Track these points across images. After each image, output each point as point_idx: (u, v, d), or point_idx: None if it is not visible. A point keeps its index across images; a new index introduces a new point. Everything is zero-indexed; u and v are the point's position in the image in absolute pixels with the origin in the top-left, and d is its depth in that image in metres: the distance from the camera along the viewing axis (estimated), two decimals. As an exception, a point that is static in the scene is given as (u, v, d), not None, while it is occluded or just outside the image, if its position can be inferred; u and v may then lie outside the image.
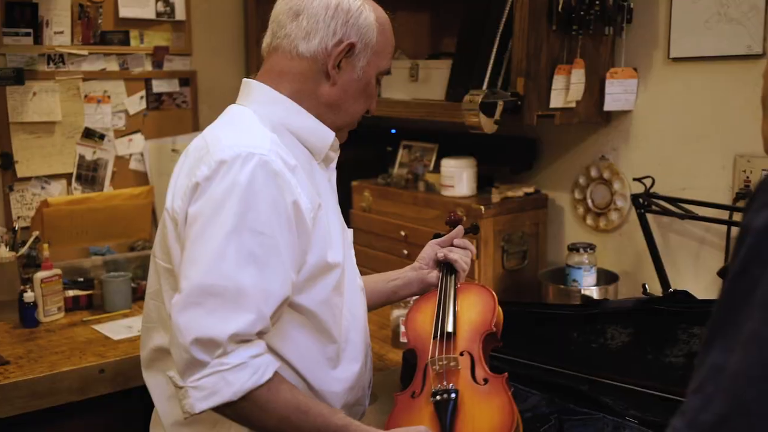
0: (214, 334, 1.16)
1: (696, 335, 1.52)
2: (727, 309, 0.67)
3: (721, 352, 0.66)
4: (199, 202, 1.22)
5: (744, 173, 1.93)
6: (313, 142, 1.38)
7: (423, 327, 1.52)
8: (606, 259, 2.24)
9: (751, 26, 1.88)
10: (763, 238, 0.64)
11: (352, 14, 1.33)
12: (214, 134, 1.32)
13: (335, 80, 1.35)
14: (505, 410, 1.31)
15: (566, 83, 2.05)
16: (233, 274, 1.18)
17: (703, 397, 0.66)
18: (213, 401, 1.17)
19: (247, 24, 3.14)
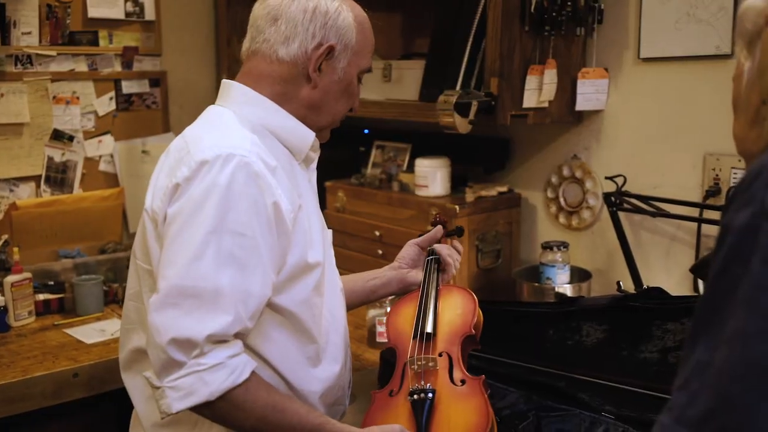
0: (191, 335, 1.16)
1: (670, 331, 1.54)
2: (710, 307, 0.68)
3: (706, 350, 0.67)
4: (178, 202, 1.22)
5: (713, 171, 1.97)
6: (293, 142, 1.38)
7: (403, 326, 1.53)
8: (579, 257, 2.26)
9: (720, 27, 1.91)
10: (744, 237, 0.65)
11: (330, 16, 1.33)
12: (195, 134, 1.31)
13: (316, 83, 1.35)
14: (480, 411, 1.32)
15: (539, 83, 2.07)
16: (211, 275, 1.18)
17: (689, 394, 0.67)
18: (190, 401, 1.17)
19: (217, 24, 3.12)
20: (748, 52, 0.86)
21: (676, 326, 1.54)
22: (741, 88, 0.87)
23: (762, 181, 0.66)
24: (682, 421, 0.67)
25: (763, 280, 0.63)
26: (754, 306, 0.63)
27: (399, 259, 1.69)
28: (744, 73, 0.85)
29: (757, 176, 0.67)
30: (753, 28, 0.84)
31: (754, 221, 0.65)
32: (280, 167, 1.30)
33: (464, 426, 1.31)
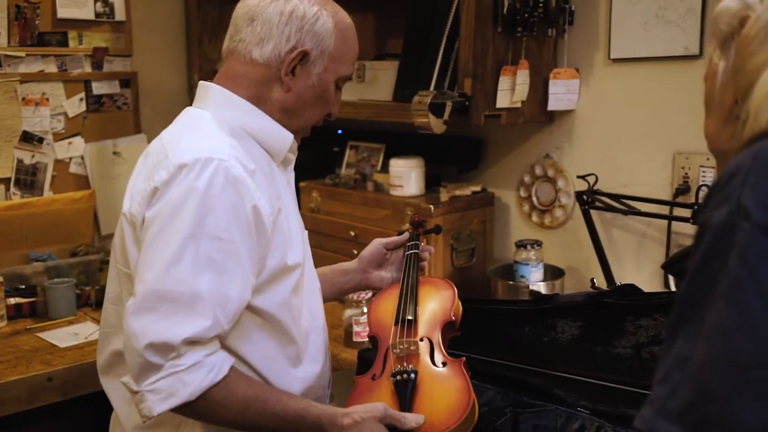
0: (168, 338, 1.16)
1: (643, 327, 1.57)
2: (689, 302, 0.70)
3: (685, 344, 0.68)
4: (156, 206, 1.21)
5: (683, 170, 2.01)
6: (271, 144, 1.38)
7: (385, 316, 1.56)
8: (551, 255, 2.29)
9: (688, 28, 1.95)
10: (721, 235, 0.67)
11: (307, 21, 1.32)
12: (173, 138, 1.31)
13: (289, 86, 1.34)
14: (462, 391, 1.36)
15: (512, 84, 2.10)
16: (189, 280, 1.18)
17: (670, 387, 0.68)
18: (171, 403, 1.17)
19: (188, 24, 3.10)
20: (722, 53, 0.88)
21: (648, 322, 1.57)
22: (714, 87, 0.90)
23: (738, 180, 0.68)
24: (663, 414, 0.68)
25: (741, 277, 0.64)
26: (732, 302, 0.65)
27: (361, 259, 1.70)
28: (718, 73, 0.88)
29: (732, 176, 0.69)
30: (727, 29, 0.86)
31: (731, 220, 0.66)
32: (259, 170, 1.30)
33: (446, 405, 1.34)
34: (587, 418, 1.58)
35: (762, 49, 0.77)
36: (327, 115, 1.44)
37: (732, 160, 0.71)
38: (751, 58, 0.79)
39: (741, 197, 0.66)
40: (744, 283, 0.64)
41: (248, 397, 1.23)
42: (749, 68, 0.79)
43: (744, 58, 0.80)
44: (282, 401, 1.26)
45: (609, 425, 1.54)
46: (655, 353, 1.56)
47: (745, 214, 0.65)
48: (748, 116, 0.76)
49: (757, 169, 0.67)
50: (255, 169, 1.28)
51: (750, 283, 0.64)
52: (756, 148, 0.70)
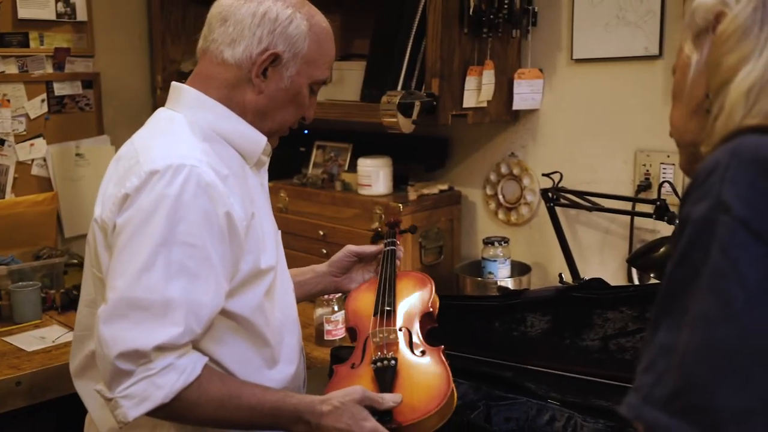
0: (138, 346, 1.15)
1: (610, 319, 1.62)
2: (671, 293, 0.72)
3: (669, 333, 0.70)
4: (127, 213, 1.20)
5: (644, 167, 2.07)
6: (245, 147, 1.37)
7: (363, 308, 1.58)
8: (518, 252, 2.34)
9: (648, 29, 2.01)
10: (702, 228, 0.69)
11: (280, 23, 1.31)
12: (145, 142, 1.29)
13: (261, 89, 1.33)
14: (441, 378, 1.38)
15: (478, 84, 2.13)
16: (161, 287, 1.17)
17: (655, 375, 0.70)
18: (145, 407, 1.16)
19: (151, 24, 3.08)
20: (695, 46, 0.90)
21: (615, 315, 1.61)
22: (685, 78, 0.92)
23: (717, 176, 0.70)
24: (649, 401, 0.70)
25: (722, 269, 0.66)
26: (715, 292, 0.67)
27: (332, 264, 1.70)
28: (691, 65, 0.90)
29: (711, 172, 0.71)
30: (702, 24, 0.88)
31: (711, 214, 0.68)
32: (232, 175, 1.29)
33: (426, 391, 1.36)
34: (557, 409, 1.62)
35: (738, 47, 0.80)
36: (302, 118, 1.43)
37: (709, 156, 0.73)
38: (727, 56, 0.81)
39: (721, 192, 0.68)
40: (726, 274, 0.66)
41: (223, 394, 1.23)
42: (725, 66, 0.80)
43: (719, 55, 0.82)
44: (257, 395, 1.26)
45: (578, 416, 1.58)
46: (622, 345, 1.61)
47: (726, 208, 0.67)
48: (721, 112, 0.79)
49: (736, 165, 0.69)
50: (228, 174, 1.27)
51: (732, 274, 0.66)
52: (734, 144, 0.72)
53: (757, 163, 0.68)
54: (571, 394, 1.64)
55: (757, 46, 0.78)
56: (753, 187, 0.67)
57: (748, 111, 0.76)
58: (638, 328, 1.58)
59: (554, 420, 1.62)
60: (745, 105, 0.77)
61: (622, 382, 1.60)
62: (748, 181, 0.68)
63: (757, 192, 0.67)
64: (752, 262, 0.66)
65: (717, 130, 0.79)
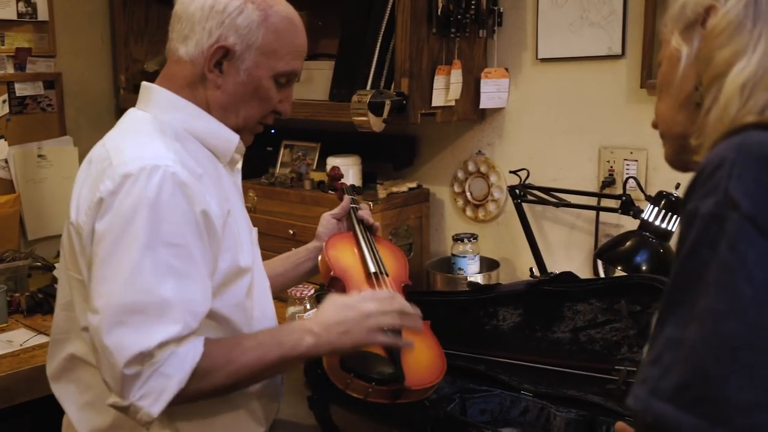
0: (143, 348, 1.14)
1: (580, 311, 1.66)
2: (679, 288, 0.73)
3: (676, 327, 0.72)
4: (106, 219, 1.19)
5: (608, 163, 2.13)
6: (217, 145, 1.37)
7: (350, 264, 1.61)
8: (486, 248, 2.38)
9: (611, 29, 2.07)
10: (710, 224, 0.70)
11: (229, 14, 1.29)
12: (116, 144, 1.28)
13: (217, 83, 1.32)
14: (439, 351, 1.51)
15: (446, 83, 2.17)
16: (154, 289, 1.16)
17: (662, 368, 0.71)
18: (165, 399, 1.16)
19: (113, 24, 3.05)
20: (683, 39, 0.92)
21: (585, 307, 1.66)
22: (674, 71, 0.93)
23: (724, 171, 0.71)
24: (656, 393, 0.71)
25: (731, 264, 0.68)
26: (723, 287, 0.68)
27: (319, 237, 1.74)
28: (680, 58, 0.91)
29: (718, 167, 0.72)
30: (692, 16, 0.90)
31: (719, 210, 0.70)
32: (206, 174, 1.29)
33: (429, 361, 1.46)
34: (530, 400, 1.67)
35: (731, 42, 0.82)
36: (277, 113, 1.42)
37: (713, 151, 0.74)
38: (720, 51, 0.82)
39: (728, 188, 0.70)
40: (734, 269, 0.68)
41: (228, 356, 1.23)
42: (718, 60, 0.82)
43: (712, 50, 0.84)
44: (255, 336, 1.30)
45: (551, 406, 1.63)
46: (592, 336, 1.65)
47: (734, 205, 0.69)
48: (714, 105, 0.81)
49: (742, 161, 0.70)
50: (202, 173, 1.27)
51: (740, 269, 0.68)
52: (739, 140, 0.73)
53: (763, 159, 0.70)
54: (543, 385, 1.69)
55: (751, 42, 0.80)
56: (759, 183, 0.69)
57: (743, 105, 0.79)
58: (607, 320, 1.63)
59: (528, 411, 1.67)
60: (740, 100, 0.79)
61: (592, 372, 1.65)
62: (754, 178, 0.69)
63: (764, 189, 0.69)
64: (760, 259, 0.68)
65: (710, 124, 0.82)
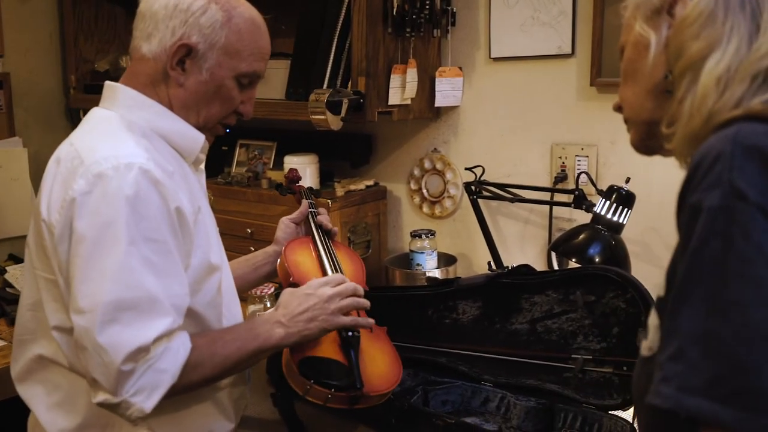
0: (141, 343, 1.16)
1: (537, 303, 1.72)
2: (691, 281, 0.73)
3: (695, 321, 0.72)
4: (83, 219, 1.19)
5: (560, 159, 2.19)
6: (183, 145, 1.37)
7: (309, 270, 1.63)
8: (443, 243, 2.42)
9: (561, 29, 2.13)
10: (718, 215, 0.71)
11: (193, 13, 1.30)
12: (86, 144, 1.28)
13: (179, 81, 1.33)
14: (396, 357, 1.55)
15: (402, 82, 2.20)
16: (142, 284, 1.18)
17: (688, 364, 0.71)
18: (158, 394, 1.18)
19: (62, 23, 3.00)
20: (650, 26, 0.93)
21: (542, 298, 1.71)
22: (641, 58, 0.94)
23: (724, 164, 0.72)
24: (686, 390, 0.71)
25: (748, 254, 0.69)
26: (745, 277, 0.69)
27: (278, 241, 1.75)
28: (649, 46, 0.92)
29: (716, 160, 0.73)
30: (658, 3, 0.92)
31: (726, 202, 0.71)
32: (176, 171, 1.31)
33: (386, 368, 1.50)
34: (491, 390, 1.72)
35: (703, 33, 0.83)
36: (239, 114, 1.44)
37: (705, 145, 0.76)
38: (693, 42, 0.84)
39: (732, 180, 0.71)
40: (753, 259, 0.69)
41: (212, 349, 1.28)
42: (690, 51, 0.84)
43: (683, 40, 0.85)
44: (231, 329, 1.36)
45: (511, 395, 1.68)
46: (548, 326, 1.71)
47: (741, 195, 0.70)
48: (688, 95, 0.83)
49: (740, 153, 0.72)
50: (173, 171, 1.29)
51: (759, 258, 0.69)
52: (731, 133, 0.74)
53: (757, 151, 0.71)
54: (503, 375, 1.73)
55: (724, 34, 0.82)
56: (761, 173, 0.71)
57: (719, 98, 0.81)
58: (563, 310, 1.69)
59: (488, 400, 1.71)
60: (716, 92, 0.81)
61: (549, 361, 1.71)
62: (756, 168, 0.71)
63: (766, 178, 0.70)
64: None
65: (685, 114, 0.84)
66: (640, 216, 1.89)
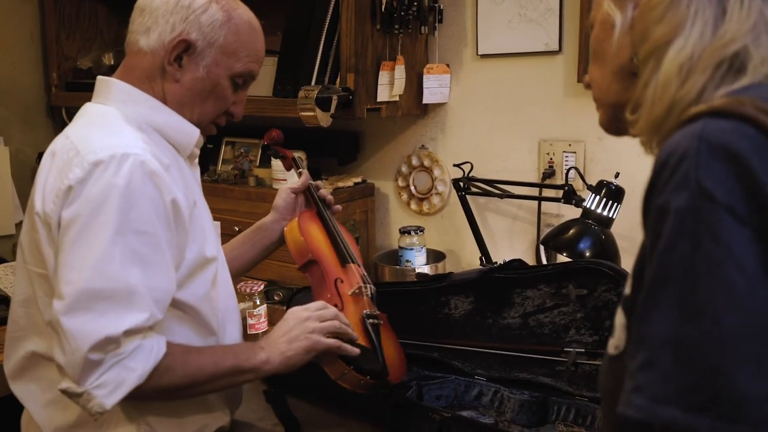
0: (109, 332, 1.15)
1: (529, 297, 1.73)
2: (660, 285, 0.70)
3: (666, 325, 0.69)
4: (74, 206, 1.19)
5: (548, 155, 2.21)
6: (178, 139, 1.37)
7: (323, 247, 1.62)
8: (431, 240, 2.43)
9: (548, 26, 2.14)
10: (687, 216, 0.68)
11: (193, 11, 1.31)
12: (81, 135, 1.28)
13: (176, 77, 1.33)
14: (401, 347, 1.60)
15: (390, 78, 2.20)
16: (122, 276, 1.17)
17: (660, 371, 0.68)
18: (121, 392, 1.16)
19: (44, 21, 2.97)
20: (616, 5, 0.90)
21: (534, 292, 1.72)
22: (608, 39, 0.91)
23: (690, 163, 0.69)
24: (660, 399, 0.68)
25: (718, 256, 0.66)
26: (716, 280, 0.66)
27: (276, 209, 1.73)
28: (615, 27, 0.89)
29: (681, 158, 0.70)
30: None
31: (694, 203, 0.68)
32: (172, 164, 1.30)
33: (400, 356, 1.58)
34: (484, 384, 1.73)
35: (667, 17, 0.80)
36: (229, 115, 1.44)
37: (669, 143, 0.73)
38: (657, 26, 0.81)
39: (699, 180, 0.68)
40: (723, 261, 0.66)
41: (185, 360, 1.26)
42: (655, 36, 0.81)
43: (647, 24, 0.82)
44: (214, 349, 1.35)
45: (504, 388, 1.69)
46: (540, 320, 1.72)
47: (709, 196, 0.67)
48: (651, 80, 0.81)
49: (706, 151, 0.69)
50: (169, 164, 1.29)
51: (729, 261, 0.66)
52: (697, 130, 0.72)
53: (723, 149, 0.69)
54: (495, 369, 1.74)
55: (688, 18, 0.79)
56: (728, 172, 0.68)
57: (681, 86, 0.78)
58: (555, 304, 1.70)
59: (482, 395, 1.72)
60: (678, 80, 0.78)
61: (542, 355, 1.72)
62: (723, 168, 0.68)
63: (734, 177, 0.68)
64: (745, 246, 0.66)
65: (648, 100, 0.81)
66: (628, 211, 1.91)
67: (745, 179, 0.67)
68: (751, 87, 0.76)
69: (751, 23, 0.78)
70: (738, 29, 0.78)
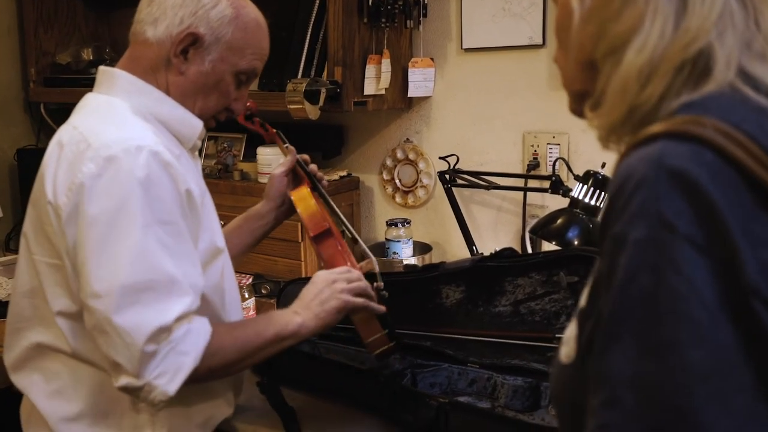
0: (161, 322, 1.16)
1: (520, 285, 1.75)
2: (618, 319, 0.67)
3: (627, 362, 0.65)
4: (95, 203, 1.18)
5: (532, 147, 2.24)
6: (182, 131, 1.38)
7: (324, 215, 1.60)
8: (417, 232, 2.45)
9: (532, 20, 2.18)
10: (647, 249, 0.65)
11: (203, 5, 1.32)
12: (91, 127, 1.27)
13: (180, 69, 1.34)
14: None
15: (377, 72, 2.22)
16: (160, 265, 1.18)
17: (624, 412, 0.65)
18: (181, 377, 1.18)
19: (21, 14, 2.93)
20: None
21: (525, 280, 1.75)
22: (567, 23, 0.83)
23: (648, 192, 0.66)
24: None
25: (680, 290, 0.63)
26: (679, 315, 0.63)
27: (268, 197, 1.73)
28: (573, 15, 0.81)
29: (638, 186, 0.66)
30: None
31: (654, 234, 0.65)
32: (182, 155, 1.32)
33: None
34: (477, 371, 1.75)
35: (624, 13, 0.75)
36: (230, 111, 1.44)
37: (625, 165, 0.70)
38: (613, 24, 0.76)
39: (659, 211, 0.64)
40: (686, 296, 0.63)
41: (233, 335, 1.29)
42: (612, 33, 0.76)
43: (604, 20, 0.77)
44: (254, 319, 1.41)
45: (497, 375, 1.72)
46: (531, 308, 1.75)
47: (669, 227, 0.64)
48: (611, 81, 0.76)
49: (665, 179, 0.65)
50: (179, 154, 1.30)
51: (691, 295, 0.63)
52: (655, 155, 0.67)
53: (681, 177, 0.65)
54: (487, 356, 1.77)
55: (647, 15, 0.73)
56: (687, 201, 0.64)
57: (641, 91, 0.74)
58: (546, 292, 1.73)
59: (475, 381, 1.75)
60: (637, 84, 0.74)
61: (533, 342, 1.75)
62: (681, 196, 0.64)
63: (693, 206, 0.64)
64: (706, 279, 0.63)
65: (608, 101, 0.77)
66: (613, 201, 1.94)
67: (704, 209, 0.64)
68: (714, 97, 0.71)
69: (716, 16, 0.72)
70: (701, 24, 0.71)
